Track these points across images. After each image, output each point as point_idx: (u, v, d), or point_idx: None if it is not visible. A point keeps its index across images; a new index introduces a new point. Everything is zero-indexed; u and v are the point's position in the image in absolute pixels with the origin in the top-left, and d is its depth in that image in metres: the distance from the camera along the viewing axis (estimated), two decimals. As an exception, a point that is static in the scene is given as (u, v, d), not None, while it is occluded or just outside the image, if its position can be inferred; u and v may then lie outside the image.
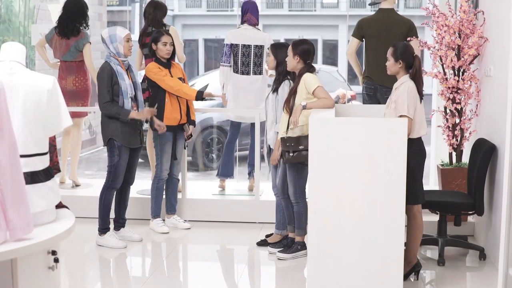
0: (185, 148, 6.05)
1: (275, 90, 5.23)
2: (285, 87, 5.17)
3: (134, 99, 5.35)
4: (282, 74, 5.21)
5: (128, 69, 5.37)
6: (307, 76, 4.91)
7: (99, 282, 4.94)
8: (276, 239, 5.39)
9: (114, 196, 5.50)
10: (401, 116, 4.35)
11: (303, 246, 5.11)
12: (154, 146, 5.87)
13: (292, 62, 4.95)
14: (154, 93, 5.76)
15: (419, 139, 4.49)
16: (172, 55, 5.79)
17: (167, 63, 5.75)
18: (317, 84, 4.86)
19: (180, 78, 5.80)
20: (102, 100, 5.23)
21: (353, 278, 4.17)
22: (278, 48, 5.22)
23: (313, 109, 4.75)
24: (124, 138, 5.28)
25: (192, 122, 5.94)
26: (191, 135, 5.98)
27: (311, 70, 4.98)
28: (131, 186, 5.59)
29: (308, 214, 4.22)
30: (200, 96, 5.73)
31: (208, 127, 9.81)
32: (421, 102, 4.44)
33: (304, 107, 4.78)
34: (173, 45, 5.75)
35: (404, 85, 4.42)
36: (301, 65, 4.96)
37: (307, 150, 4.50)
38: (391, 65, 4.51)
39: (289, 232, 5.29)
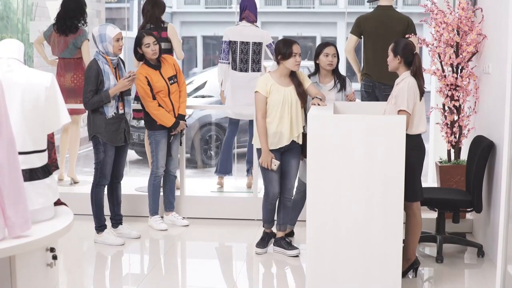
0: (181, 145, 6.04)
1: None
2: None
3: (121, 98, 5.34)
4: None
5: (117, 67, 5.35)
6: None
7: (97, 279, 4.95)
8: (280, 234, 5.35)
9: (106, 194, 5.51)
10: (400, 110, 4.36)
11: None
12: (150, 143, 5.86)
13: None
14: None
15: (419, 136, 4.49)
16: (161, 52, 5.72)
17: (157, 65, 5.71)
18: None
19: (171, 77, 5.74)
20: (85, 98, 5.22)
21: (352, 275, 4.18)
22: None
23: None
24: (108, 135, 5.27)
25: (181, 117, 5.82)
26: (182, 130, 5.92)
27: None
28: (121, 182, 5.58)
29: (307, 211, 4.23)
30: (175, 125, 5.73)
31: (207, 124, 9.80)
32: (421, 99, 4.44)
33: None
34: (158, 43, 5.66)
35: (404, 80, 4.43)
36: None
37: None
38: (390, 60, 4.53)
39: (279, 231, 5.28)
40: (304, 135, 4.91)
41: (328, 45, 5.30)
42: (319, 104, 4.88)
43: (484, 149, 5.01)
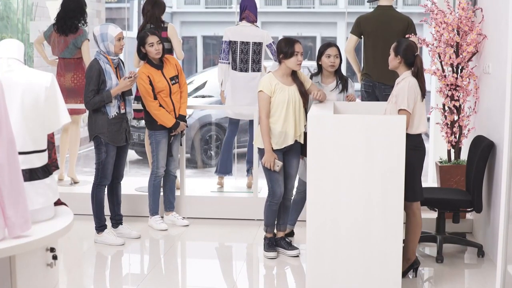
0: (181, 145, 6.04)
1: None
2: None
3: (122, 98, 5.33)
4: None
5: (118, 67, 5.35)
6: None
7: (97, 279, 4.94)
8: (280, 234, 5.34)
9: (106, 194, 5.51)
10: (400, 109, 4.36)
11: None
12: (150, 143, 5.86)
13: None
14: None
15: (419, 135, 4.48)
16: (164, 52, 5.73)
17: (159, 65, 5.72)
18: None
19: (173, 77, 5.75)
20: (87, 98, 5.22)
21: (352, 275, 4.18)
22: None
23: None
24: (110, 135, 5.27)
25: (181, 117, 5.85)
26: (182, 131, 5.93)
27: None
28: (121, 182, 5.59)
29: (307, 211, 4.22)
30: (176, 126, 5.74)
31: (207, 124, 9.81)
32: (422, 100, 4.44)
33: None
34: (162, 43, 5.68)
35: (405, 80, 4.43)
36: None
37: None
38: (391, 59, 4.54)
39: (279, 231, 5.27)
40: (305, 134, 4.91)
41: (330, 46, 5.29)
42: (319, 99, 4.96)
43: (484, 149, 5.01)
